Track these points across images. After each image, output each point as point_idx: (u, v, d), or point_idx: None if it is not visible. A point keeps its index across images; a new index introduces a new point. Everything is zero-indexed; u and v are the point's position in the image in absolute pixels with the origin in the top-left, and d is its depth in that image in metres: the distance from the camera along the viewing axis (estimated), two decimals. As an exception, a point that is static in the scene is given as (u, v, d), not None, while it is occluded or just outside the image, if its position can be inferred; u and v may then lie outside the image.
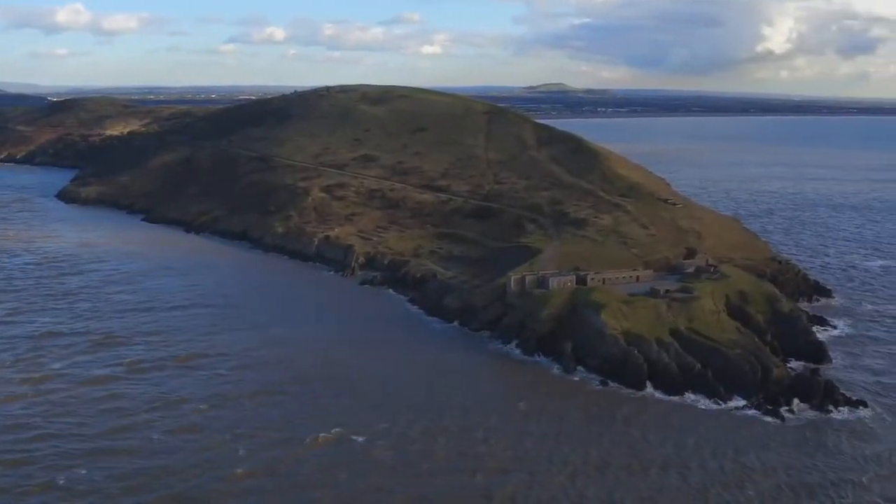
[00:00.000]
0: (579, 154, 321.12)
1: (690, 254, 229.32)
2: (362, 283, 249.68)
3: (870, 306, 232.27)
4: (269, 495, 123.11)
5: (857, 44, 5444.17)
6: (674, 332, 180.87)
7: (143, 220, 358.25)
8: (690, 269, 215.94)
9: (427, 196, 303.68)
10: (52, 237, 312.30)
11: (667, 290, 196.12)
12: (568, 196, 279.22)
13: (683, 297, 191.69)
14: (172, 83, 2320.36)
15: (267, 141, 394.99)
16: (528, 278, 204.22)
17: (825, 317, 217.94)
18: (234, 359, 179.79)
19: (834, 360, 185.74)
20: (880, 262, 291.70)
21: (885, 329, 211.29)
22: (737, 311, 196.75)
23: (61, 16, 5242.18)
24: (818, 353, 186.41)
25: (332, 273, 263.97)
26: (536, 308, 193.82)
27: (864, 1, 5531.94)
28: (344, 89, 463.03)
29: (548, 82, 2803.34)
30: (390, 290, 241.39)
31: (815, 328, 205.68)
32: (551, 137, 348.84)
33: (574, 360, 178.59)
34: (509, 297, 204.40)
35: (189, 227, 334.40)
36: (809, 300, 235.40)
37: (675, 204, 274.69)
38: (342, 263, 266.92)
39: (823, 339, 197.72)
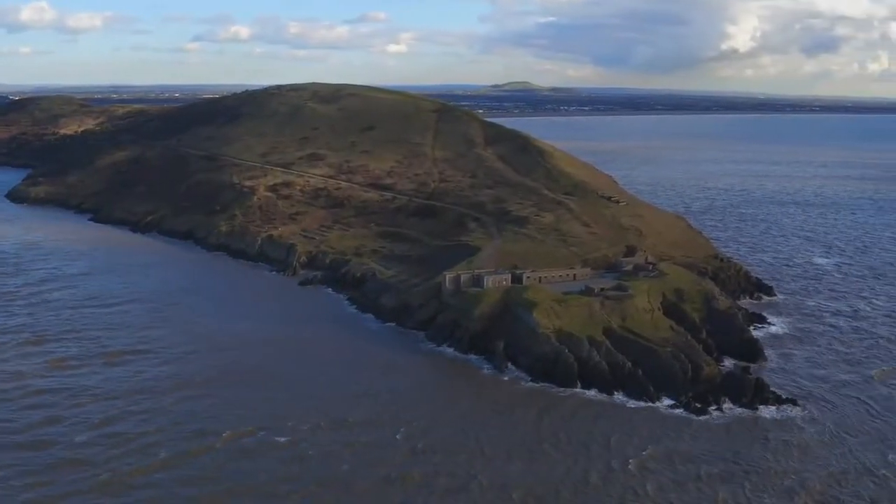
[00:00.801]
0: (525, 152, 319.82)
1: (630, 252, 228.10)
2: (302, 282, 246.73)
3: (812, 303, 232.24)
4: (172, 489, 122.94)
5: (821, 42, 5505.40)
6: (607, 331, 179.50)
7: (90, 219, 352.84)
8: (629, 268, 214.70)
9: (372, 195, 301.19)
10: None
11: (602, 289, 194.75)
12: (512, 194, 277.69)
13: (617, 295, 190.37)
14: (137, 82, 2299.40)
15: (216, 140, 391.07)
16: (462, 277, 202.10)
17: (764, 314, 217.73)
18: (162, 356, 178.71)
19: (769, 358, 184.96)
20: (828, 259, 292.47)
21: (823, 326, 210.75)
22: (672, 309, 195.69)
23: (25, 14, 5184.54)
24: (753, 351, 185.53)
25: (273, 272, 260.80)
26: (469, 307, 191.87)
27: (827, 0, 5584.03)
28: (294, 88, 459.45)
29: (513, 80, 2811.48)
30: (329, 290, 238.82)
31: (753, 326, 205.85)
32: (499, 136, 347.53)
33: (506, 358, 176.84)
34: (444, 296, 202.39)
35: (135, 226, 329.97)
36: (751, 297, 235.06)
37: (618, 202, 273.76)
38: (284, 263, 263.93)
39: (760, 337, 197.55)
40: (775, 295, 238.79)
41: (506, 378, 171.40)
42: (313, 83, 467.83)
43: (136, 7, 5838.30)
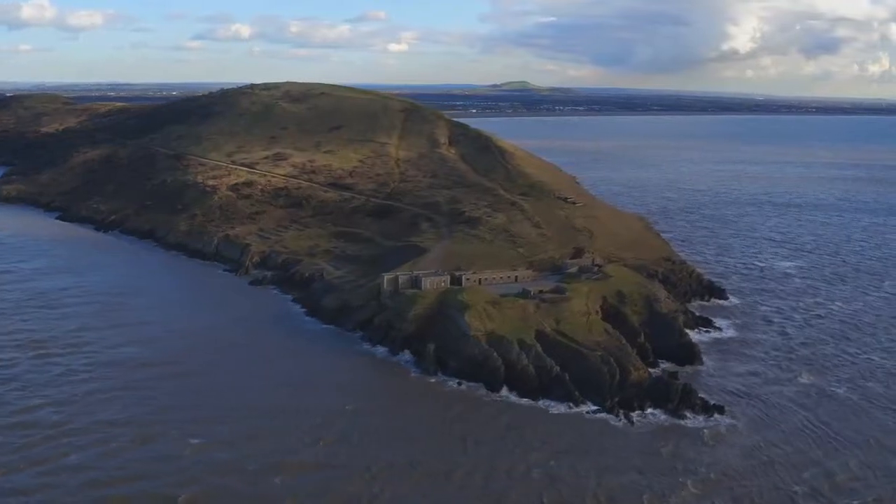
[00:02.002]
0: (487, 152, 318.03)
1: (578, 253, 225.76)
2: (251, 282, 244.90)
3: (765, 308, 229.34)
4: (65, 489, 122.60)
5: (821, 44, 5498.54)
6: (539, 334, 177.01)
7: (57, 218, 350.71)
8: (573, 270, 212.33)
9: (331, 194, 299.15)
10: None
11: (540, 291, 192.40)
12: (468, 194, 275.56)
13: (553, 298, 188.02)
14: (138, 80, 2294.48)
15: (186, 139, 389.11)
16: (401, 278, 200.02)
17: (712, 318, 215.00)
18: (93, 356, 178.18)
19: (707, 363, 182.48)
20: (792, 263, 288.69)
21: (769, 332, 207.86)
22: (612, 312, 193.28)
23: (25, 11, 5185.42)
24: (690, 355, 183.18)
25: (225, 272, 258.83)
26: (404, 308, 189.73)
27: (827, 1, 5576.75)
28: (267, 87, 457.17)
29: (511, 80, 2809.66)
30: (277, 290, 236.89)
31: (697, 330, 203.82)
32: (463, 136, 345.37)
33: (435, 361, 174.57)
34: (383, 298, 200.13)
35: (99, 225, 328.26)
36: (702, 300, 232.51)
37: (574, 203, 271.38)
38: (238, 262, 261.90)
39: (703, 341, 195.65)
40: (728, 298, 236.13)
41: (432, 380, 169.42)
42: (287, 82, 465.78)
43: (137, 5, 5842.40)
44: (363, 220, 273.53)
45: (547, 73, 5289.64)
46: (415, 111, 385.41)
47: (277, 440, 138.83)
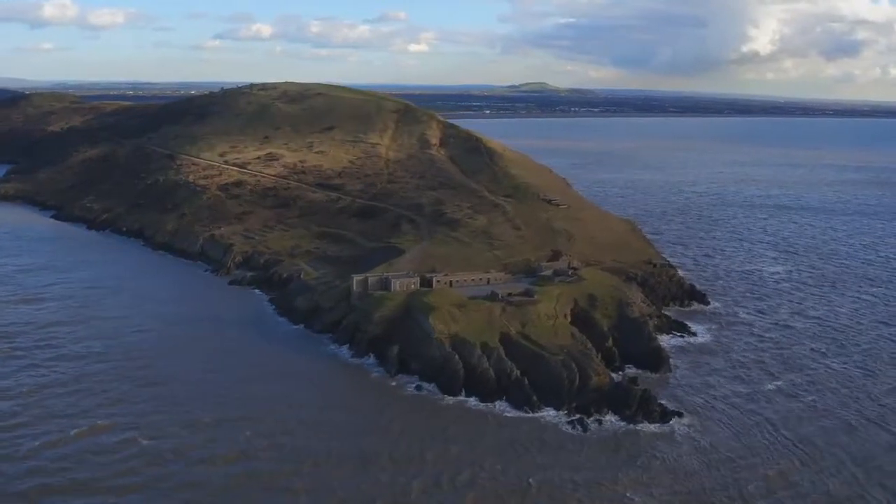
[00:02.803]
0: (475, 153, 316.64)
1: (555, 256, 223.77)
2: (231, 282, 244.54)
3: (745, 313, 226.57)
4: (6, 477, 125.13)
5: (841, 46, 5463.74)
6: (504, 337, 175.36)
7: (52, 216, 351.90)
8: (547, 272, 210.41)
9: (318, 195, 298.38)
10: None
11: (509, 294, 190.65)
12: (453, 196, 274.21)
13: (521, 300, 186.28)
14: (159, 79, 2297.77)
15: (181, 138, 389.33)
16: (370, 280, 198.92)
17: (689, 322, 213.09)
18: (58, 350, 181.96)
19: (675, 369, 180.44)
20: (782, 268, 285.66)
21: (745, 337, 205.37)
22: (583, 316, 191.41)
23: (47, 10, 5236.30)
24: (657, 360, 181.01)
25: (207, 272, 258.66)
26: (371, 310, 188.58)
27: (848, 3, 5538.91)
28: (266, 87, 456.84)
29: (530, 81, 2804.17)
30: (256, 291, 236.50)
31: (671, 334, 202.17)
32: (453, 137, 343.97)
33: (398, 363, 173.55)
34: (353, 299, 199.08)
35: (92, 224, 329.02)
36: (681, 305, 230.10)
37: (558, 205, 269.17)
38: (221, 262, 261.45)
39: (676, 346, 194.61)
40: (708, 303, 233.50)
41: (393, 383, 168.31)
42: (285, 82, 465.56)
43: (158, 4, 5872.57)
44: (347, 221, 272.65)
45: (567, 74, 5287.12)
46: (408, 112, 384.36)
47: (217, 434, 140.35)
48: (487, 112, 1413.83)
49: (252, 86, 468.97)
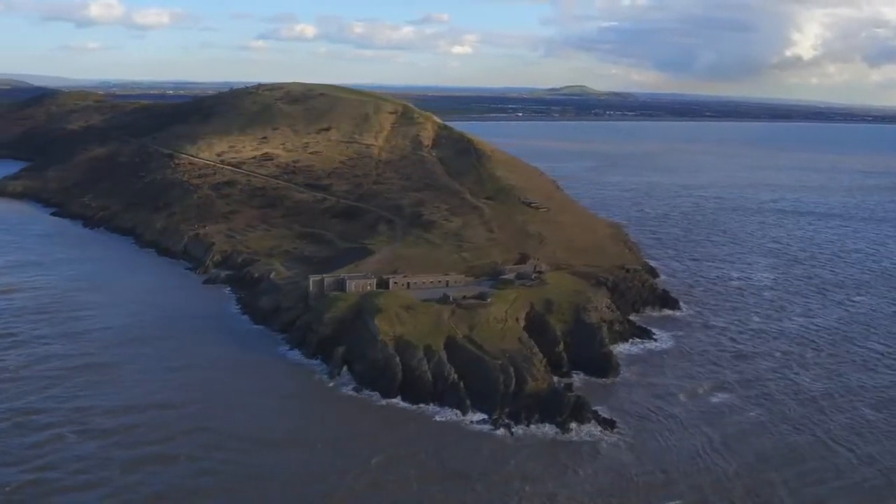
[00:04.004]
0: (465, 155, 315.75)
1: (523, 259, 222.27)
2: (205, 281, 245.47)
3: (715, 321, 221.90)
4: None
5: (886, 52, 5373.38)
6: (449, 340, 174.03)
7: (52, 214, 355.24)
8: (510, 275, 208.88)
9: (305, 195, 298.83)
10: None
11: (465, 297, 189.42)
12: (434, 197, 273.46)
13: (472, 304, 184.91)
14: (204, 79, 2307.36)
15: (183, 138, 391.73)
16: (326, 280, 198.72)
17: (654, 329, 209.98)
18: (16, 345, 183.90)
19: (625, 376, 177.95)
20: (771, 275, 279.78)
21: (707, 346, 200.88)
22: (537, 320, 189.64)
23: (94, 9, 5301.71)
24: (606, 366, 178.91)
25: (187, 270, 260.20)
26: (323, 310, 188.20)
27: (893, 9, 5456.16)
28: (272, 87, 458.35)
29: (570, 84, 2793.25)
30: (229, 289, 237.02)
31: (632, 340, 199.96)
32: (446, 138, 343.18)
33: (342, 364, 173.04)
34: (310, 300, 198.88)
35: (88, 221, 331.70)
36: (653, 310, 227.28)
37: (538, 207, 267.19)
38: (201, 261, 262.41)
39: (631, 353, 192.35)
40: (680, 309, 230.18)
41: (331, 384, 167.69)
42: (291, 82, 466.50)
43: (203, 4, 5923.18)
44: (329, 222, 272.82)
45: (609, 77, 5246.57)
46: (405, 113, 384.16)
47: (145, 433, 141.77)
48: (520, 115, 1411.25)
49: (260, 85, 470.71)
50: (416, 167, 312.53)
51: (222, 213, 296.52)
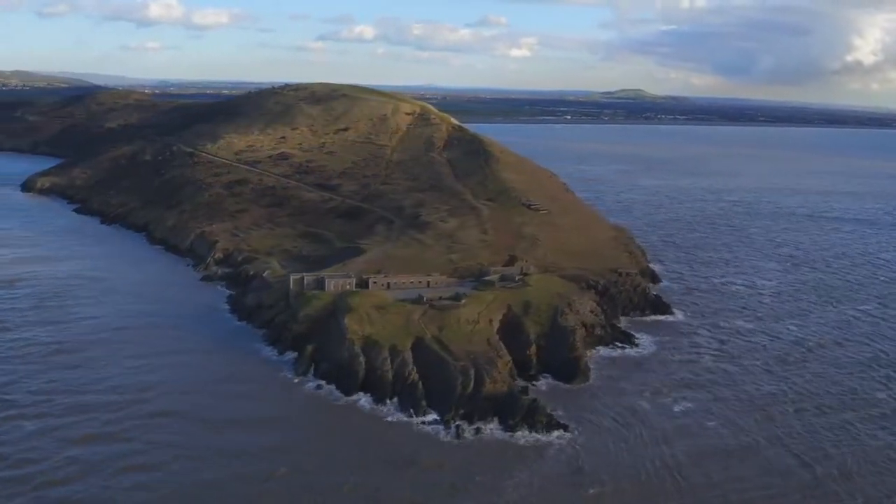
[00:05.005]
0: (474, 156, 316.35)
1: (511, 261, 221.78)
2: (202, 278, 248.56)
3: (703, 328, 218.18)
4: None
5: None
6: (417, 340, 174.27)
7: (74, 210, 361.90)
8: (493, 277, 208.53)
9: (313, 195, 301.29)
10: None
11: (440, 298, 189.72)
12: (436, 199, 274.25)
13: (444, 305, 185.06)
14: (262, 79, 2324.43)
15: (205, 137, 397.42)
16: (306, 279, 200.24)
17: (639, 334, 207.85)
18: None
19: (593, 381, 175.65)
20: (776, 282, 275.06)
21: (688, 353, 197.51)
22: (513, 322, 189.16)
23: (153, 10, 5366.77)
24: (574, 371, 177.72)
25: (188, 267, 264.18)
26: (300, 308, 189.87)
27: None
28: (297, 87, 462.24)
29: (626, 88, 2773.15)
30: (224, 287, 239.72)
31: (613, 345, 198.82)
32: (458, 139, 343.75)
33: (311, 362, 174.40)
34: (290, 298, 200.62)
35: (105, 217, 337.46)
36: (642, 315, 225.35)
37: (538, 210, 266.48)
38: (204, 258, 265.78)
39: (606, 358, 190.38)
40: (672, 314, 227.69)
41: (296, 381, 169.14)
42: (316, 83, 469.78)
43: (262, 5, 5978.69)
44: (332, 222, 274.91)
45: (668, 80, 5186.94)
46: (422, 114, 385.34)
47: (95, 414, 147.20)
48: (568, 118, 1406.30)
49: (287, 86, 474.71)
50: (425, 168, 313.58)
51: (230, 211, 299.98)
